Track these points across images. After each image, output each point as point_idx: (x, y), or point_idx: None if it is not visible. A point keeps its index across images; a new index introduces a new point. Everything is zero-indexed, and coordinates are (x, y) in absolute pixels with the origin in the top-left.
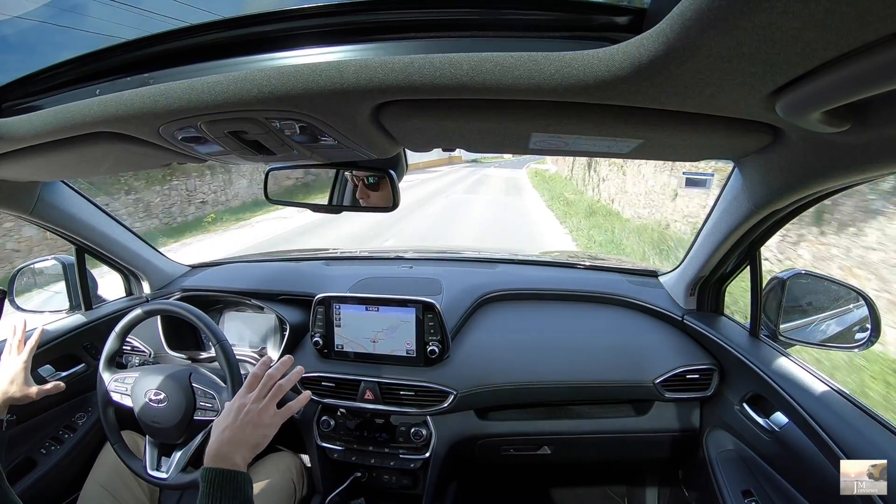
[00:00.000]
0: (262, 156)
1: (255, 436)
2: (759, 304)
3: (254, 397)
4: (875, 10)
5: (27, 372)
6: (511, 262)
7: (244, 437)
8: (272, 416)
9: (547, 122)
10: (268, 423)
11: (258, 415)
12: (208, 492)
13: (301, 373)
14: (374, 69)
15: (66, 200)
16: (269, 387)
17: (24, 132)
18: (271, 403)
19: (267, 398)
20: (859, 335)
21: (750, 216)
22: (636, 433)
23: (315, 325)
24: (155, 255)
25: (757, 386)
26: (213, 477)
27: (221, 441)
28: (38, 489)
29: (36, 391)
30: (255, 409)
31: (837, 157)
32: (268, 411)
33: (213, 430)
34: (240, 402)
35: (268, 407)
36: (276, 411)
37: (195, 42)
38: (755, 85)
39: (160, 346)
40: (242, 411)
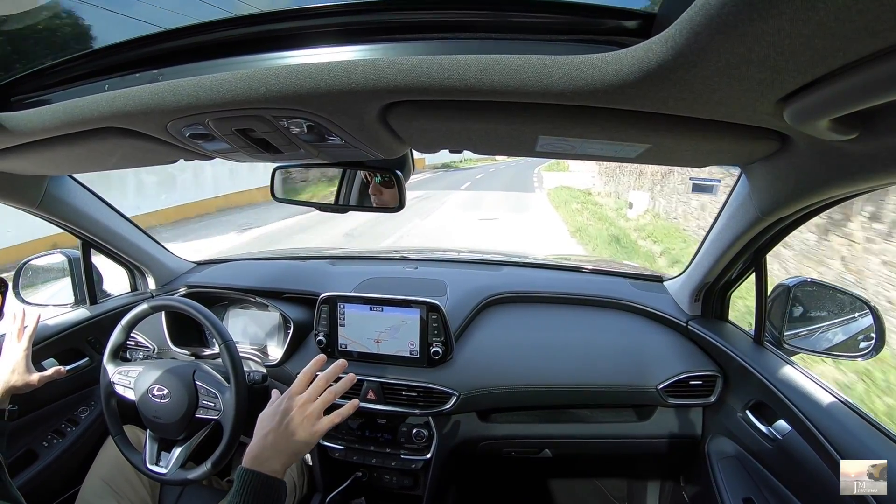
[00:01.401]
0: (269, 154)
1: (298, 444)
2: (763, 312)
3: (303, 400)
4: (884, 20)
5: (28, 360)
6: (516, 264)
7: (287, 445)
8: (319, 424)
9: (554, 125)
10: (314, 432)
11: (305, 422)
12: (241, 492)
13: (353, 380)
14: (382, 69)
15: (72, 195)
16: (320, 391)
17: (33, 126)
18: (320, 410)
19: (317, 403)
20: (864, 344)
21: (756, 223)
22: (638, 438)
23: (319, 324)
24: (160, 250)
25: (760, 393)
26: (249, 479)
27: (264, 445)
28: (39, 482)
29: (37, 378)
30: (301, 414)
31: (845, 165)
32: (315, 418)
33: (257, 430)
34: (287, 405)
35: (316, 413)
36: (323, 418)
37: (205, 39)
38: (763, 91)
39: (164, 341)
40: (288, 415)
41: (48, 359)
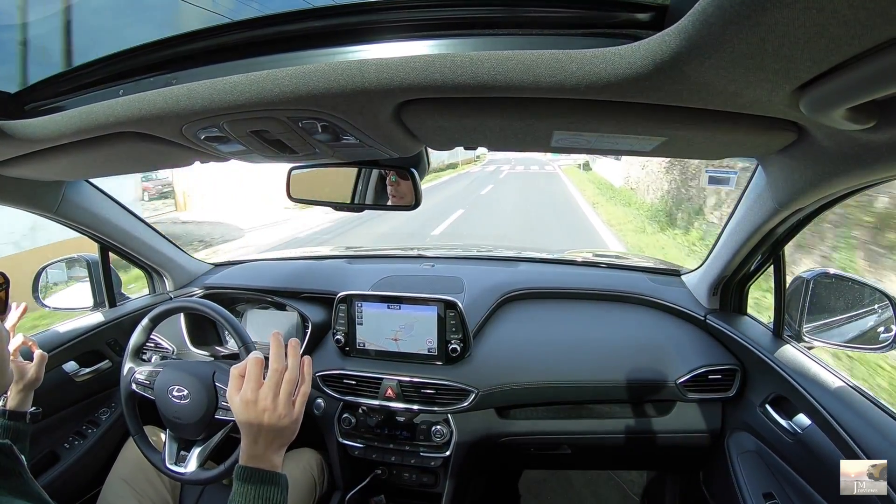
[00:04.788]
0: (285, 155)
1: (286, 436)
2: (782, 304)
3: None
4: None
5: (17, 353)
6: (533, 260)
7: (276, 439)
8: (297, 409)
9: (569, 119)
10: (295, 419)
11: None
12: (243, 489)
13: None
14: (395, 68)
15: (89, 199)
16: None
17: (49, 133)
18: (288, 398)
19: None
20: (884, 336)
21: (774, 215)
22: (657, 433)
23: (337, 323)
24: (178, 252)
25: (780, 387)
26: (249, 476)
27: (256, 444)
28: (60, 483)
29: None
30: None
31: (863, 155)
32: (290, 406)
33: (243, 432)
34: (262, 405)
35: (287, 402)
36: (297, 402)
37: (218, 42)
38: (778, 82)
39: (183, 342)
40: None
41: (69, 362)
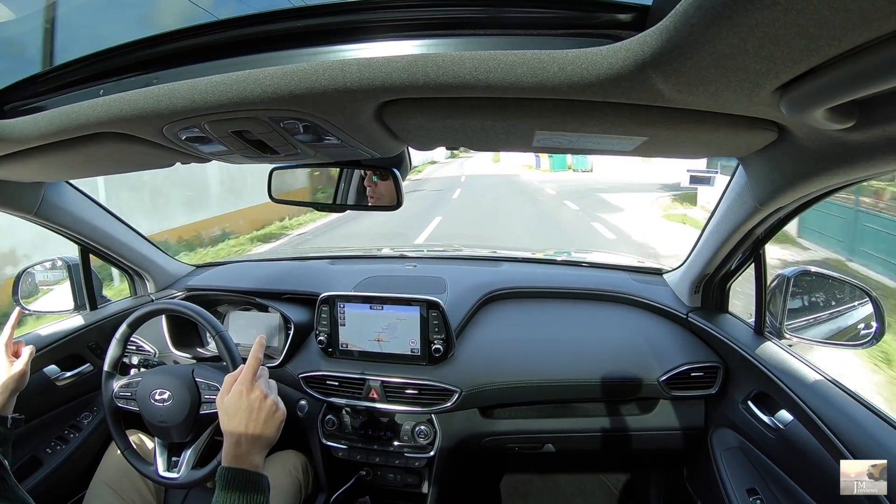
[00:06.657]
0: (267, 155)
1: (268, 436)
2: (763, 302)
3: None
4: (879, 8)
5: (8, 352)
6: (515, 260)
7: (259, 440)
8: (280, 410)
9: (551, 119)
10: (278, 418)
11: (269, 416)
12: (225, 490)
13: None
14: (377, 68)
15: (70, 201)
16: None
17: (29, 133)
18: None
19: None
20: (864, 332)
21: (754, 213)
22: (640, 431)
23: (319, 324)
24: (159, 255)
25: (762, 384)
26: (231, 477)
27: (239, 445)
28: (44, 488)
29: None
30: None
31: (843, 154)
32: (274, 406)
33: (226, 434)
34: (249, 405)
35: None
36: (280, 404)
37: (199, 42)
38: (759, 82)
39: (165, 345)
40: (252, 414)
41: (50, 365)
